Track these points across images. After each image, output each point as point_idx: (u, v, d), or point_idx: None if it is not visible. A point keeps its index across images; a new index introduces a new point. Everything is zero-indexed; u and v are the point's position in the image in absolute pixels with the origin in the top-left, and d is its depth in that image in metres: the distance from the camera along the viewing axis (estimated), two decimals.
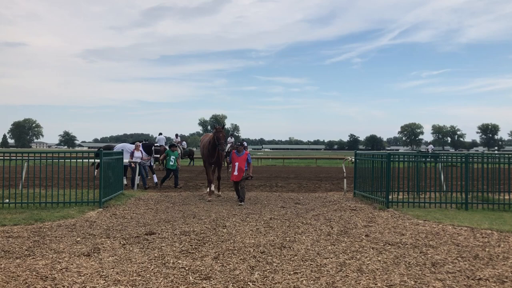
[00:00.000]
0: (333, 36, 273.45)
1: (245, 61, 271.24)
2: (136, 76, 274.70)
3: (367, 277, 5.31)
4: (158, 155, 18.41)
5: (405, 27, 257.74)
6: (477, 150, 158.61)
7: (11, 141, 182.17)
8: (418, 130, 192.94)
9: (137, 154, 15.87)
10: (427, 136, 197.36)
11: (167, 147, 19.56)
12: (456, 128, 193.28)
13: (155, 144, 19.35)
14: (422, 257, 6.26)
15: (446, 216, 9.69)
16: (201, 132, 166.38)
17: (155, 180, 16.90)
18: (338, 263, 5.89)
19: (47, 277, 5.26)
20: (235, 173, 11.59)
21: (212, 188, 13.03)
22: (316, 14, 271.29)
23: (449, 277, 5.35)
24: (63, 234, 7.68)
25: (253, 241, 7.18)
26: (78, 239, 7.29)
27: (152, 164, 17.60)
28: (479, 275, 5.41)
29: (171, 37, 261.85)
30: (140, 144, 16.82)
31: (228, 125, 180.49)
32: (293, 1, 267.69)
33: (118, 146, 17.22)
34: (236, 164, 11.62)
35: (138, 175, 15.69)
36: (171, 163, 16.54)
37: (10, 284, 5.01)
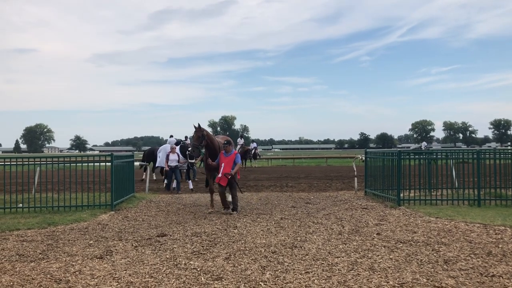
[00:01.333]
0: (340, 35, 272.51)
1: (253, 61, 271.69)
2: (145, 79, 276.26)
3: (379, 276, 5.30)
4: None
5: (413, 24, 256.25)
6: (490, 146, 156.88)
7: (23, 146, 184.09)
8: (429, 127, 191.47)
9: (173, 157, 15.17)
10: (439, 133, 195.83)
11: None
12: (467, 124, 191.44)
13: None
14: (434, 254, 6.23)
15: (459, 213, 9.61)
16: (211, 133, 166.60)
17: (191, 186, 15.79)
18: (350, 262, 5.88)
19: (61, 280, 5.32)
20: (220, 175, 10.16)
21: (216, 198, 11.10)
22: (323, 13, 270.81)
23: (462, 274, 5.32)
24: (76, 237, 7.76)
25: (264, 241, 7.19)
26: (91, 242, 7.36)
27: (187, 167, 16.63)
28: (493, 272, 5.37)
29: (179, 40, 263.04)
30: (176, 146, 16.08)
31: (237, 126, 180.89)
32: (300, 1, 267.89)
33: (160, 148, 17.05)
34: (223, 165, 10.19)
35: (177, 179, 15.02)
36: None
37: (25, 287, 5.08)
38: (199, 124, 10.33)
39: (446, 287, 4.87)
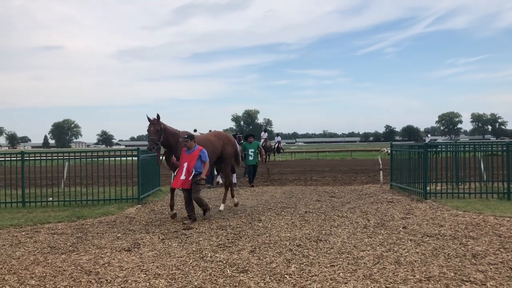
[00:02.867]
0: (365, 26, 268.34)
1: (276, 55, 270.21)
2: (169, 74, 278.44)
3: (405, 269, 5.26)
4: None
5: (440, 14, 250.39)
6: None
7: (51, 141, 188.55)
8: (457, 119, 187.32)
9: None
10: (466, 125, 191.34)
11: None
12: (497, 116, 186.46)
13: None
14: (462, 248, 6.14)
15: (487, 206, 9.42)
16: (234, 127, 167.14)
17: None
18: (375, 256, 5.85)
19: (91, 271, 5.46)
20: (182, 177, 8.45)
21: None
22: (347, 4, 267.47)
23: (491, 268, 5.23)
24: (104, 230, 7.93)
25: (288, 234, 7.21)
26: (119, 235, 7.52)
27: None
28: None
29: (202, 35, 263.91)
30: None
31: (260, 120, 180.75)
32: None
33: None
34: (185, 165, 8.50)
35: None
36: (250, 158, 13.95)
37: (57, 278, 5.24)
38: (159, 116, 8.76)
39: (474, 282, 4.80)
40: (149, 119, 8.69)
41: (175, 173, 9.17)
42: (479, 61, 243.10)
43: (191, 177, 8.44)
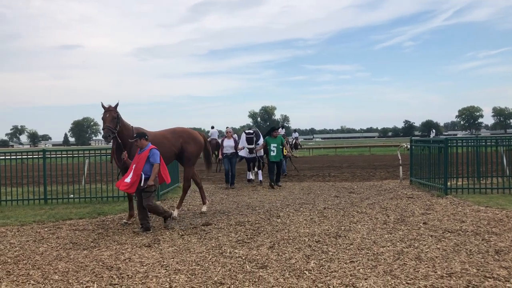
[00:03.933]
0: (382, 20, 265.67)
1: (293, 50, 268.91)
2: (186, 71, 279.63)
3: (426, 265, 5.20)
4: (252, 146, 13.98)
5: (459, 7, 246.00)
6: None
7: (71, 139, 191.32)
8: (477, 114, 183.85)
9: (228, 143, 13.39)
10: (488, 119, 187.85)
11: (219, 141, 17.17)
12: None
13: (246, 131, 14.56)
14: (485, 244, 6.04)
15: (510, 202, 9.25)
16: (251, 124, 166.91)
17: (250, 176, 14.65)
18: (396, 252, 5.80)
19: (112, 267, 5.54)
20: (127, 179, 7.46)
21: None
22: None
23: None
24: (125, 226, 8.03)
25: (307, 230, 7.19)
26: (139, 230, 7.59)
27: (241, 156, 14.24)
28: None
29: (218, 31, 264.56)
30: (231, 129, 14.40)
31: (278, 116, 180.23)
32: None
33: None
34: (133, 166, 7.55)
35: (232, 172, 13.35)
36: (272, 153, 13.17)
37: (79, 273, 5.33)
38: (117, 104, 8.12)
39: (497, 278, 4.72)
40: (103, 107, 8.05)
41: (118, 171, 8.54)
42: (500, 54, 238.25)
43: (139, 182, 7.43)
